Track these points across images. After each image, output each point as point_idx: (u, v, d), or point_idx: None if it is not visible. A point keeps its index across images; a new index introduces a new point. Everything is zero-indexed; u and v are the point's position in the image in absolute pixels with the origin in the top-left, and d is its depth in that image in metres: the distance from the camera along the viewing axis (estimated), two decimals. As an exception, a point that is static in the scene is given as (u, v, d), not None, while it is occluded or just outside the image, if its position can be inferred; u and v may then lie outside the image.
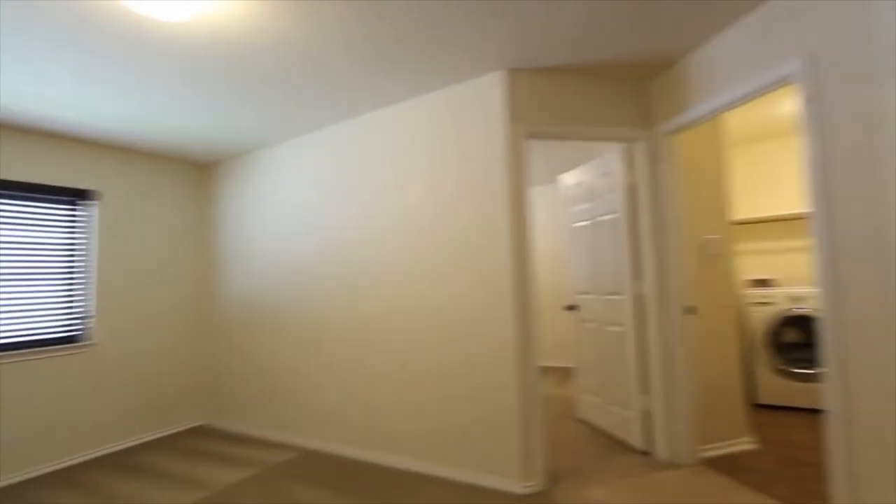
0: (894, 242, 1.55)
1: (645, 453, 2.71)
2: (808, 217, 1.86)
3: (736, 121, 3.58)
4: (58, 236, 3.15)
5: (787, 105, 3.25)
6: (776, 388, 3.49)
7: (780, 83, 2.00)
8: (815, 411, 3.34)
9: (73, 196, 3.21)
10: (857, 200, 1.68)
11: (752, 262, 4.12)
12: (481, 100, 2.57)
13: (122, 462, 3.06)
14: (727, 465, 2.53)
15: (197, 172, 4.01)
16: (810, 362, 3.38)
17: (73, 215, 3.23)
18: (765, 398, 3.53)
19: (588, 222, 3.20)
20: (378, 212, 2.95)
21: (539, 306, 5.64)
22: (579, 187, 3.31)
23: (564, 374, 5.09)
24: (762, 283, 3.91)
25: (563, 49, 2.33)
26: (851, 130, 1.70)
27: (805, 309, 3.42)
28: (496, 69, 2.51)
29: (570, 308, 3.38)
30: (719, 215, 2.87)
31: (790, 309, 3.48)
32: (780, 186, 3.98)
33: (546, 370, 5.34)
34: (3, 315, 2.87)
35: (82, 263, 3.25)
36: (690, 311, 2.61)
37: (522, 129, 2.50)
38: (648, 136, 2.72)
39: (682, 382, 2.56)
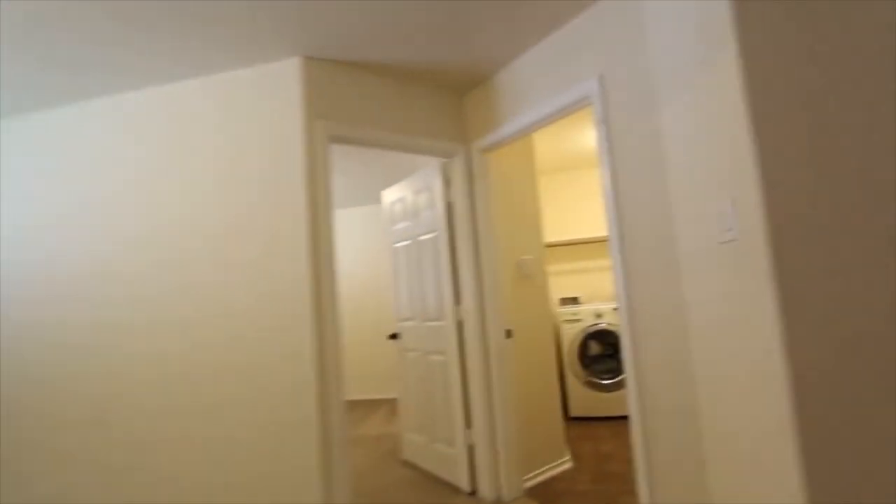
0: (677, 258, 1.59)
1: (472, 493, 2.47)
2: (609, 239, 1.87)
3: (547, 149, 3.81)
4: None
5: (593, 137, 3.56)
6: (585, 399, 3.70)
7: (580, 104, 2.03)
8: (620, 418, 3.61)
9: None
10: (644, 220, 1.72)
11: (560, 281, 4.43)
12: (277, 89, 2.11)
13: None
14: (547, 492, 2.45)
15: None
16: (613, 372, 3.68)
17: None
18: (576, 411, 3.72)
19: (409, 242, 2.95)
20: (146, 231, 2.19)
21: (367, 337, 5.22)
22: (400, 204, 3.06)
23: (393, 407, 4.74)
24: (570, 301, 4.21)
25: (373, 44, 2.04)
26: (637, 152, 1.75)
27: (603, 324, 3.74)
28: (293, 54, 2.08)
29: (393, 337, 3.06)
30: (534, 236, 2.90)
31: (594, 324, 3.77)
32: (586, 211, 4.39)
33: (374, 404, 4.92)
34: None
35: None
36: (508, 334, 2.52)
37: (324, 129, 2.10)
38: (466, 151, 2.60)
39: (504, 411, 2.41)
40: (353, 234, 5.43)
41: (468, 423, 2.49)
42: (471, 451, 2.48)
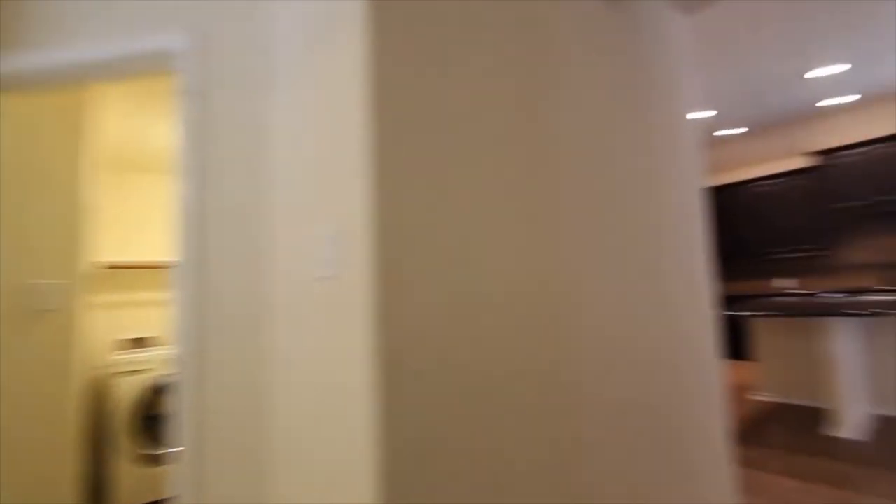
0: (275, 296, 1.22)
1: None
2: (182, 261, 1.29)
3: (125, 139, 2.77)
4: None
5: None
6: (139, 480, 2.72)
7: (157, 62, 1.40)
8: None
9: None
10: (242, 241, 1.28)
11: (125, 316, 3.28)
12: None
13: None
14: None
15: None
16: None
17: None
18: (128, 498, 2.67)
19: None
20: None
21: None
22: None
23: None
24: (136, 343, 3.15)
25: None
26: (240, 148, 1.31)
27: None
28: None
29: None
30: (69, 251, 1.88)
31: (162, 375, 2.88)
32: (165, 227, 3.46)
33: None
34: None
35: None
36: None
37: None
38: (-84, 77, 1.40)
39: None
40: None
41: None
42: None
